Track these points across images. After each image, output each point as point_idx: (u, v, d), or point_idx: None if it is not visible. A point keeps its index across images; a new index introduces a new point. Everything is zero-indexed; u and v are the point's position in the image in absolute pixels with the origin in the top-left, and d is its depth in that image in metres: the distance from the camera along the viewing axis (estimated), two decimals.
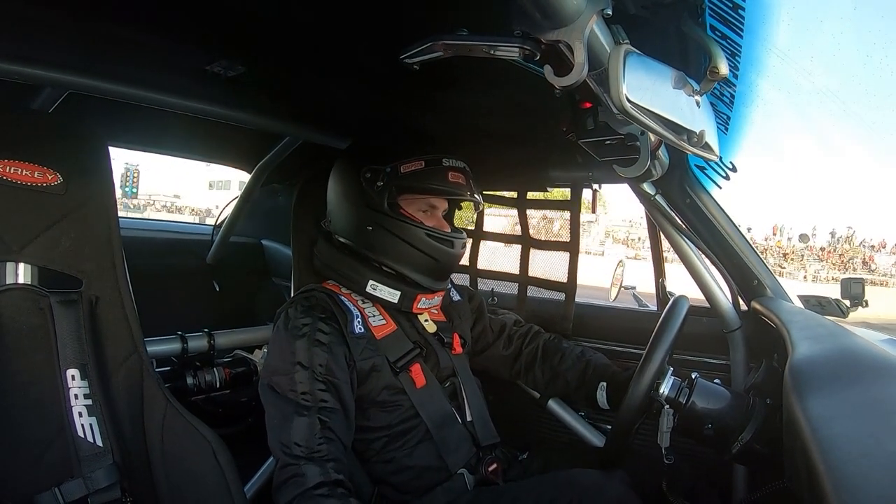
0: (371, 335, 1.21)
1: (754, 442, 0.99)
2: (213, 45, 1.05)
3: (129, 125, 1.63)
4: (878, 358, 0.83)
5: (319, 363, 1.11)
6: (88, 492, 0.94)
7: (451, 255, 1.29)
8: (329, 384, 1.10)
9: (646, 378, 1.09)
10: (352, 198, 1.26)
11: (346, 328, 1.18)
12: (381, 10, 0.87)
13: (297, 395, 1.07)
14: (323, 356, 1.12)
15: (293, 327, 1.14)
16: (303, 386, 1.08)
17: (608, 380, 1.34)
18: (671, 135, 0.74)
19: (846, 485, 0.48)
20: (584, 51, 0.59)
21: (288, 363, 1.11)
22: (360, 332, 1.20)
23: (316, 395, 1.08)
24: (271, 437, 1.08)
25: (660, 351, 1.10)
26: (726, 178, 1.34)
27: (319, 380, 1.09)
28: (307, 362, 1.10)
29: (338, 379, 1.12)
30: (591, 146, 1.17)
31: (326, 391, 1.09)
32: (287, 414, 1.07)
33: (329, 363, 1.12)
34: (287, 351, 1.12)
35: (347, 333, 1.18)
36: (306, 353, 1.11)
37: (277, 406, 1.09)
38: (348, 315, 1.21)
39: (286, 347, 1.13)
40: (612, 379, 1.33)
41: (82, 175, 1.05)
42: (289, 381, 1.09)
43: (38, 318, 0.99)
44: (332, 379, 1.11)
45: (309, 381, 1.09)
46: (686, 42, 0.83)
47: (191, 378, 1.53)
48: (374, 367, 1.18)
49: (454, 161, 1.27)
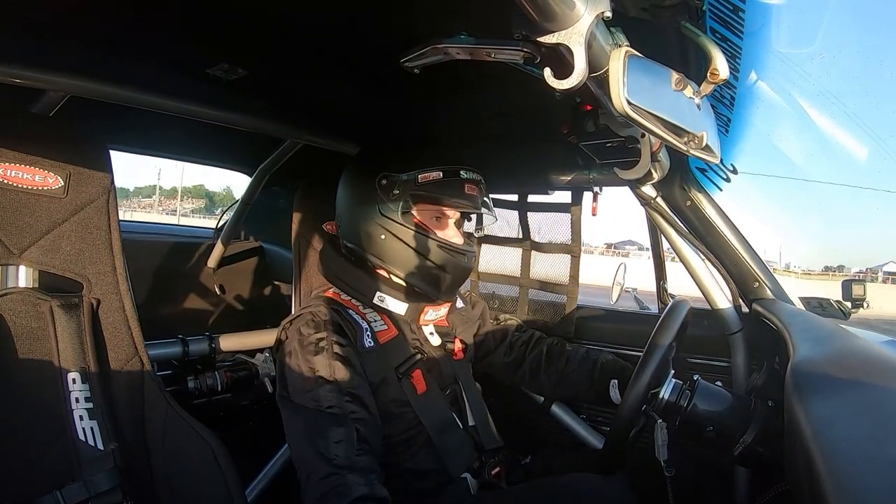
0: (379, 348, 1.20)
1: (756, 444, 0.98)
2: (214, 48, 1.05)
3: (129, 128, 1.63)
4: (880, 360, 0.82)
5: (342, 377, 1.09)
6: (89, 495, 0.94)
7: (461, 267, 1.28)
8: (354, 396, 1.08)
9: (641, 382, 1.08)
10: (364, 203, 1.25)
11: (356, 343, 1.17)
12: (382, 13, 0.87)
13: (325, 408, 1.05)
14: (343, 369, 1.10)
15: (308, 344, 1.12)
16: (329, 400, 1.06)
17: (618, 376, 1.34)
18: (672, 137, 0.74)
19: (847, 487, 0.48)
20: (585, 54, 0.59)
21: (310, 380, 1.08)
22: (370, 346, 1.19)
23: (345, 407, 1.06)
24: (302, 450, 1.04)
25: (656, 355, 1.10)
26: (727, 180, 1.34)
27: (344, 392, 1.07)
28: (330, 376, 1.08)
29: (361, 390, 1.10)
30: (591, 149, 1.17)
31: (353, 402, 1.07)
32: (322, 425, 1.04)
33: (351, 375, 1.10)
34: (306, 367, 1.10)
35: (358, 348, 1.17)
36: (327, 368, 1.09)
37: (307, 419, 1.06)
38: (358, 330, 1.20)
39: (304, 364, 1.10)
40: (621, 374, 1.33)
41: (83, 178, 1.06)
42: (314, 397, 1.06)
43: (38, 321, 0.99)
44: (355, 391, 1.09)
45: (335, 395, 1.06)
46: (686, 44, 0.84)
47: (192, 381, 1.53)
48: (384, 380, 1.17)
49: (471, 173, 1.26)
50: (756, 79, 0.99)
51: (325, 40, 1.00)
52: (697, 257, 1.45)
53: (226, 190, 47.11)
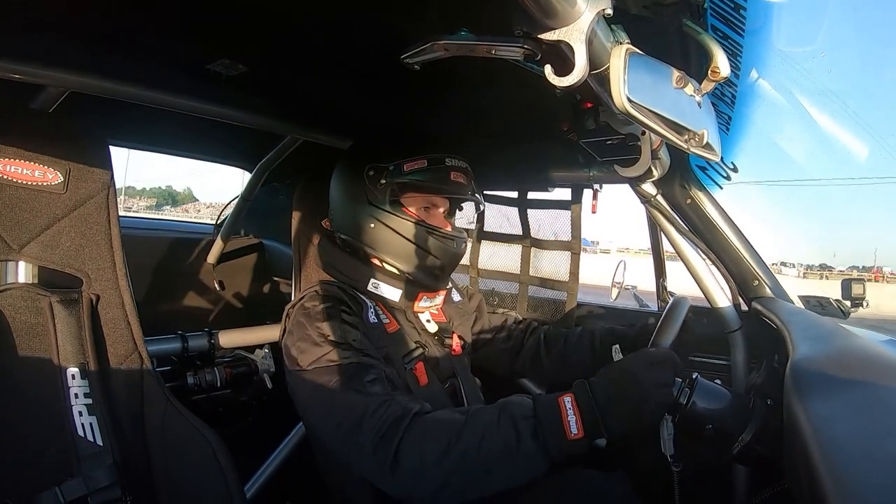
0: (382, 326, 1.21)
1: (755, 442, 0.98)
2: (214, 44, 1.04)
3: (129, 124, 1.63)
4: (879, 358, 0.83)
5: (353, 338, 1.08)
6: (88, 491, 0.94)
7: (452, 253, 1.29)
8: (368, 355, 1.07)
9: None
10: (354, 195, 1.26)
11: (361, 316, 1.17)
12: (382, 9, 0.87)
13: (345, 363, 1.03)
14: (354, 332, 1.09)
15: (315, 314, 1.12)
16: (346, 357, 1.03)
17: (619, 341, 1.33)
18: (672, 135, 0.74)
19: (847, 486, 0.48)
20: (585, 51, 0.58)
21: (322, 345, 1.06)
22: (374, 321, 1.20)
23: (364, 360, 1.05)
24: (337, 407, 1.00)
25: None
26: (727, 179, 1.34)
27: (359, 349, 1.06)
28: (341, 338, 1.07)
29: (373, 351, 1.10)
30: (592, 146, 1.17)
31: (369, 357, 1.06)
32: (350, 374, 1.01)
33: (361, 338, 1.10)
34: (316, 334, 1.08)
35: (363, 322, 1.17)
36: (338, 331, 1.08)
37: (331, 378, 1.02)
38: (363, 305, 1.21)
39: (314, 332, 1.08)
40: (622, 339, 1.32)
41: (83, 174, 1.05)
42: (330, 358, 1.04)
43: (38, 317, 0.99)
44: (369, 351, 1.08)
45: (352, 352, 1.05)
46: (687, 42, 0.83)
47: (191, 377, 1.53)
48: (388, 356, 1.16)
49: (457, 161, 1.27)
50: (757, 77, 0.98)
51: (325, 37, 1.00)
52: (697, 255, 1.45)
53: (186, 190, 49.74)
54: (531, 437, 0.89)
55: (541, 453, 0.89)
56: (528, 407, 0.93)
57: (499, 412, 0.93)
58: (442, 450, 0.90)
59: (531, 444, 0.89)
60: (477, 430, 0.91)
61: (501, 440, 0.89)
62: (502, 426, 0.91)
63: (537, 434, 0.89)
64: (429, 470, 0.90)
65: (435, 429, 0.93)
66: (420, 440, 0.92)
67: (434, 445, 0.91)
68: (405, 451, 0.91)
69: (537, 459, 0.89)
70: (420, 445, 0.92)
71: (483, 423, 0.92)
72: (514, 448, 0.89)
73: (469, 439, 0.90)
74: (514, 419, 0.91)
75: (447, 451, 0.90)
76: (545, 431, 0.89)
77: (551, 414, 0.91)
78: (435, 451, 0.90)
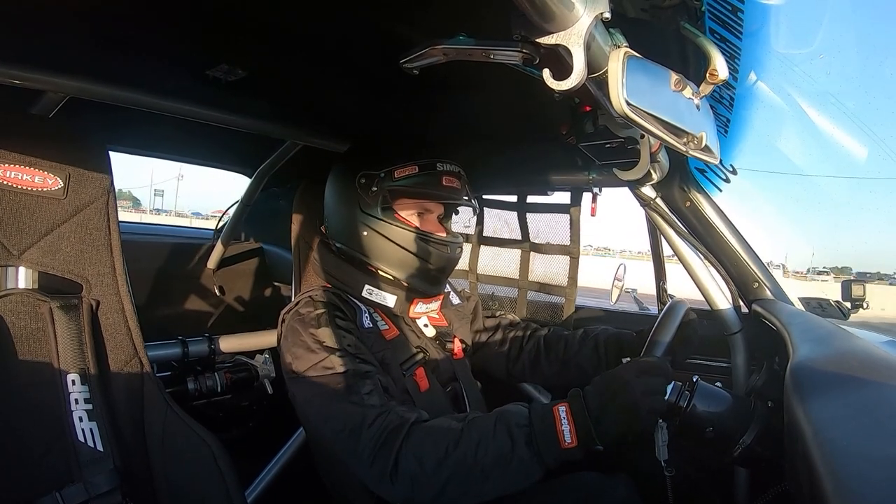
0: (378, 331, 1.21)
1: (756, 445, 0.98)
2: (213, 49, 1.05)
3: (129, 129, 1.63)
4: (880, 360, 0.82)
5: (348, 343, 1.09)
6: (89, 496, 0.94)
7: (446, 258, 1.28)
8: (364, 360, 1.08)
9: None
10: (347, 202, 1.26)
11: (356, 322, 1.18)
12: (380, 15, 0.87)
13: (341, 371, 1.04)
14: (348, 337, 1.10)
15: (310, 320, 1.12)
16: (343, 364, 1.04)
17: (625, 348, 1.33)
18: (671, 138, 0.74)
19: (847, 488, 0.48)
20: (584, 55, 0.59)
21: (318, 352, 1.07)
22: (368, 326, 1.20)
23: (360, 367, 1.05)
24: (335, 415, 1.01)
25: (655, 354, 1.10)
26: (726, 181, 1.34)
27: (354, 355, 1.07)
28: (336, 345, 1.08)
29: (368, 357, 1.10)
30: (591, 149, 1.17)
31: (365, 364, 1.07)
32: (348, 384, 1.02)
33: (356, 343, 1.11)
34: (311, 340, 1.09)
35: (358, 327, 1.17)
36: (332, 337, 1.09)
37: (328, 387, 1.03)
38: (357, 310, 1.21)
39: (309, 339, 1.09)
40: (629, 348, 1.32)
41: (83, 179, 1.06)
42: (326, 364, 1.05)
43: (38, 322, 0.99)
44: (364, 356, 1.09)
45: (348, 358, 1.06)
46: (685, 45, 0.84)
47: (192, 383, 1.53)
48: (384, 360, 1.17)
49: (448, 165, 1.27)
50: (755, 79, 0.99)
51: (324, 42, 1.00)
52: (697, 258, 1.45)
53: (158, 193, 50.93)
54: (526, 444, 0.91)
55: (535, 461, 0.91)
56: (523, 415, 0.95)
57: (495, 420, 0.95)
58: (440, 457, 0.92)
59: (526, 451, 0.91)
60: (474, 437, 0.93)
61: (497, 448, 0.91)
62: (498, 434, 0.93)
63: (532, 442, 0.91)
64: (428, 476, 0.92)
65: (433, 436, 0.95)
66: (418, 448, 0.94)
67: (432, 453, 0.93)
68: (404, 459, 0.93)
69: (532, 466, 0.91)
70: (419, 453, 0.93)
71: (480, 431, 0.94)
72: (509, 456, 0.91)
73: (466, 447, 0.92)
74: (510, 427, 0.93)
75: (445, 458, 0.92)
76: (540, 440, 0.91)
77: (546, 423, 0.93)
78: (433, 459, 0.92)
